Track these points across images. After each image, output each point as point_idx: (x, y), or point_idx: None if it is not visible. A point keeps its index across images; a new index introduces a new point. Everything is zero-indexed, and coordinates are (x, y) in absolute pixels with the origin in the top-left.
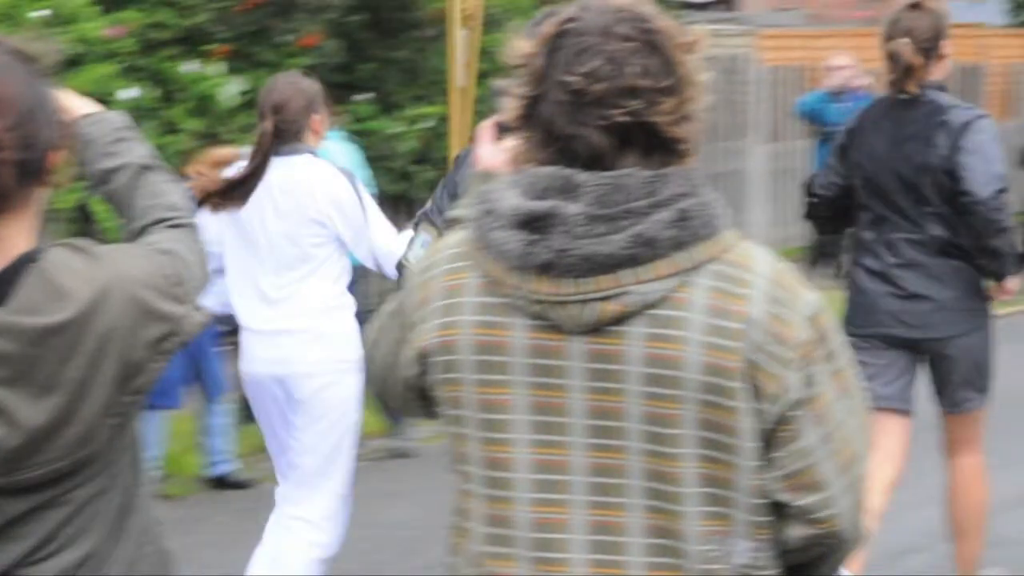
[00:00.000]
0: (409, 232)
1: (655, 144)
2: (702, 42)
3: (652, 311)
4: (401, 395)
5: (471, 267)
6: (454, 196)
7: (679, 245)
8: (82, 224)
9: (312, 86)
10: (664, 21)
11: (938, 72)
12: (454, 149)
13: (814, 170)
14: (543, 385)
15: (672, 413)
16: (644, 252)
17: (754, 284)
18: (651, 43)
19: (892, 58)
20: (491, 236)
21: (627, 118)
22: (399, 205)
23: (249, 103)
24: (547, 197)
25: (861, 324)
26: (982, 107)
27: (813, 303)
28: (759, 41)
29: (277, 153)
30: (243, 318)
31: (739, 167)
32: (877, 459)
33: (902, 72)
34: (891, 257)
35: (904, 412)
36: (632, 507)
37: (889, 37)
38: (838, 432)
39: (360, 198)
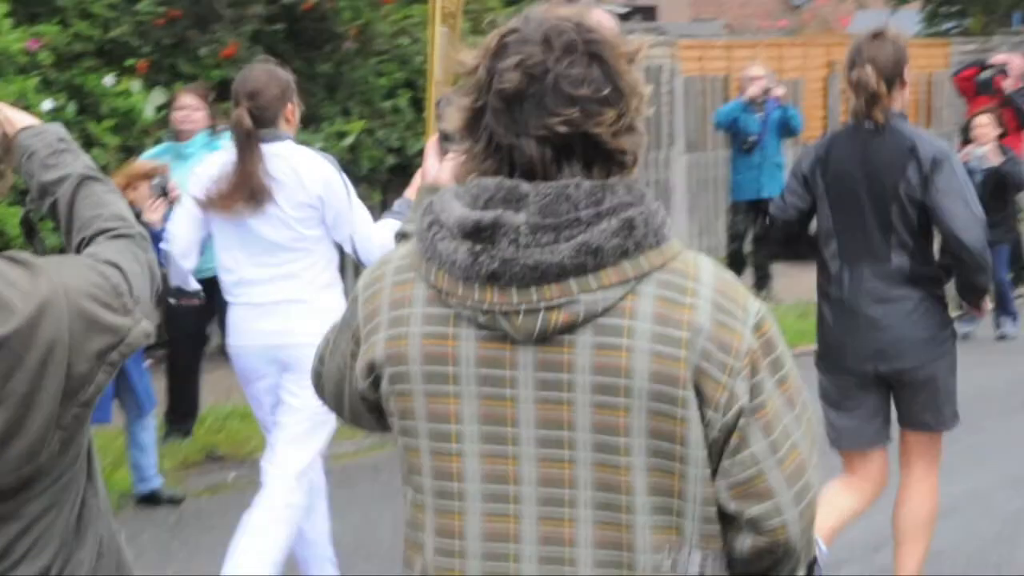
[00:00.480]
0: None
1: (597, 155)
2: (643, 52)
3: (599, 320)
4: (354, 408)
5: (418, 278)
6: None
7: (625, 254)
8: (26, 238)
9: (286, 75)
10: (606, 31)
11: (899, 100)
12: (429, 136)
13: (732, 180)
14: (492, 395)
15: (620, 422)
16: (590, 261)
17: (700, 293)
18: (592, 53)
19: (857, 86)
20: (438, 247)
21: (566, 128)
22: None
23: (167, 118)
24: (492, 207)
25: (827, 357)
26: None
27: (758, 312)
28: (679, 51)
29: (259, 139)
30: (235, 294)
31: (661, 177)
32: (856, 478)
33: (868, 100)
34: (856, 287)
35: (879, 446)
36: (581, 517)
37: (853, 65)
38: (785, 441)
39: (345, 183)
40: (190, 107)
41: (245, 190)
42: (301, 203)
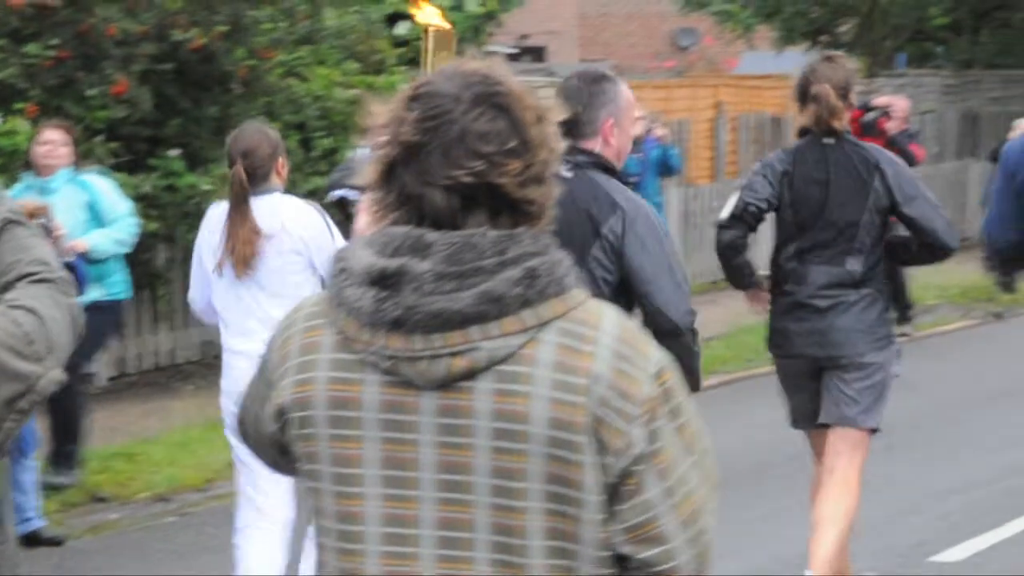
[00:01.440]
0: None
1: (503, 205)
2: (549, 108)
3: (500, 367)
4: (271, 451)
5: (327, 324)
6: None
7: (526, 303)
8: None
9: (275, 134)
10: (515, 85)
11: (845, 119)
12: None
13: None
14: (394, 440)
15: (519, 467)
16: (492, 309)
17: (600, 341)
18: (499, 105)
19: (816, 101)
20: (344, 293)
21: (472, 179)
22: None
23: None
24: (399, 255)
25: (781, 346)
26: None
27: (658, 360)
28: None
29: (252, 194)
30: (238, 343)
31: None
32: (833, 484)
33: (827, 113)
34: (811, 286)
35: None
36: (479, 560)
37: (808, 84)
38: (681, 486)
39: (329, 227)
40: (54, 142)
41: (238, 257)
42: (287, 250)
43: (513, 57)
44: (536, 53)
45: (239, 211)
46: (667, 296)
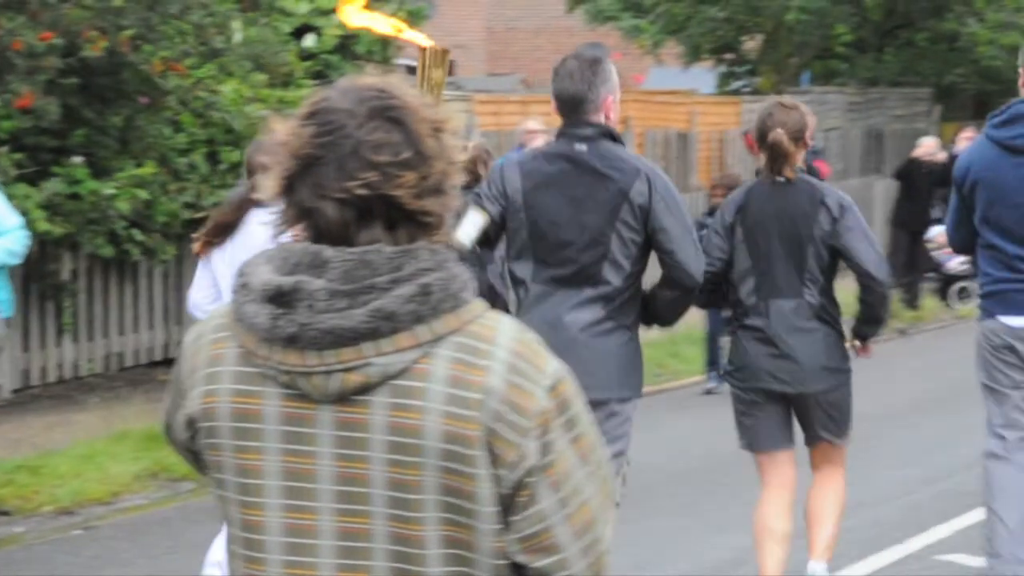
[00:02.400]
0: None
1: (399, 217)
2: (454, 119)
3: (394, 381)
4: (187, 456)
5: (232, 338)
6: (497, 194)
7: (420, 319)
8: None
9: None
10: (411, 98)
11: (799, 158)
12: None
13: None
14: (293, 452)
15: (414, 479)
16: (384, 326)
17: (495, 355)
18: (393, 118)
19: (772, 147)
20: (243, 309)
21: (365, 190)
22: (110, 271)
23: None
24: (297, 272)
25: (742, 378)
26: (692, 173)
27: (554, 373)
28: (475, 106)
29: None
30: None
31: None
32: (770, 498)
33: (782, 159)
34: (770, 320)
35: (786, 446)
36: (377, 570)
37: (766, 129)
38: (575, 497)
39: None
40: None
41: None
42: None
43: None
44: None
45: (237, 215)
46: (688, 255)
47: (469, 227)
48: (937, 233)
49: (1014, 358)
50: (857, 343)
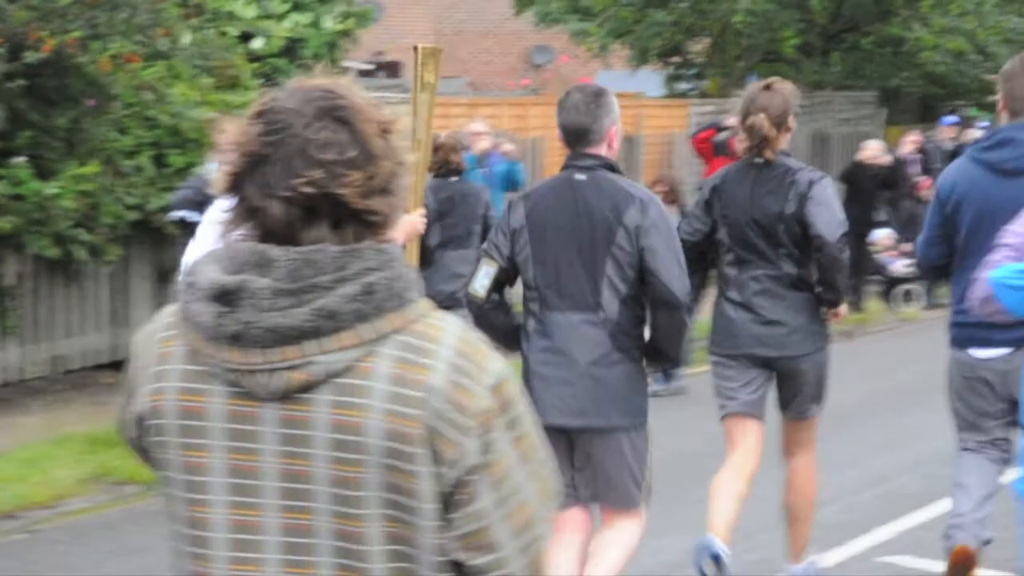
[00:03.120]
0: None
1: (345, 215)
2: (399, 119)
3: (338, 380)
4: (139, 454)
5: (179, 336)
6: (506, 233)
7: (363, 317)
8: None
9: None
10: (357, 98)
11: (784, 141)
12: (413, 195)
13: None
14: (239, 449)
15: (356, 476)
16: (327, 324)
17: (438, 354)
18: (339, 118)
19: (751, 130)
20: (190, 308)
21: (311, 189)
22: (56, 273)
23: None
24: (243, 271)
25: (728, 346)
26: (639, 176)
27: (497, 373)
28: None
29: None
30: None
31: None
32: (738, 456)
33: (759, 141)
34: (752, 290)
35: (760, 418)
36: (322, 565)
37: (747, 113)
38: (515, 496)
39: None
40: None
41: None
42: None
43: (368, 73)
44: (391, 69)
45: None
46: (672, 274)
47: (483, 278)
48: (882, 236)
49: (987, 389)
50: (825, 310)
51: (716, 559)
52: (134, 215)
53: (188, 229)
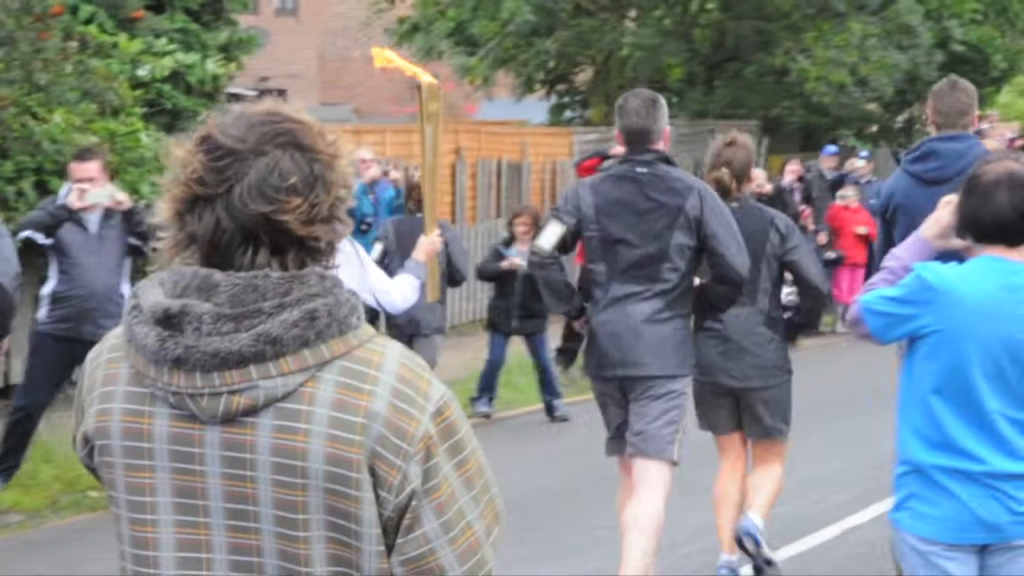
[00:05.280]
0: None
1: (287, 242)
2: (344, 145)
3: (280, 404)
4: (91, 474)
5: (124, 358)
6: (573, 210)
7: (305, 343)
8: None
9: None
10: (301, 124)
11: (748, 188)
12: (428, 218)
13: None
14: (183, 470)
15: (299, 500)
16: (269, 350)
17: (380, 380)
18: (283, 145)
19: (716, 183)
20: (134, 331)
21: (253, 217)
22: None
23: None
24: (186, 295)
25: (707, 375)
26: (526, 201)
27: (439, 398)
28: None
29: None
30: None
31: None
32: (726, 469)
33: (722, 193)
34: (733, 323)
35: (736, 431)
36: None
37: (712, 167)
38: (459, 520)
39: (357, 252)
40: None
41: None
42: None
43: (253, 100)
44: (278, 95)
45: None
46: (735, 256)
47: (550, 235)
48: None
49: None
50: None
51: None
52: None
53: (35, 250)
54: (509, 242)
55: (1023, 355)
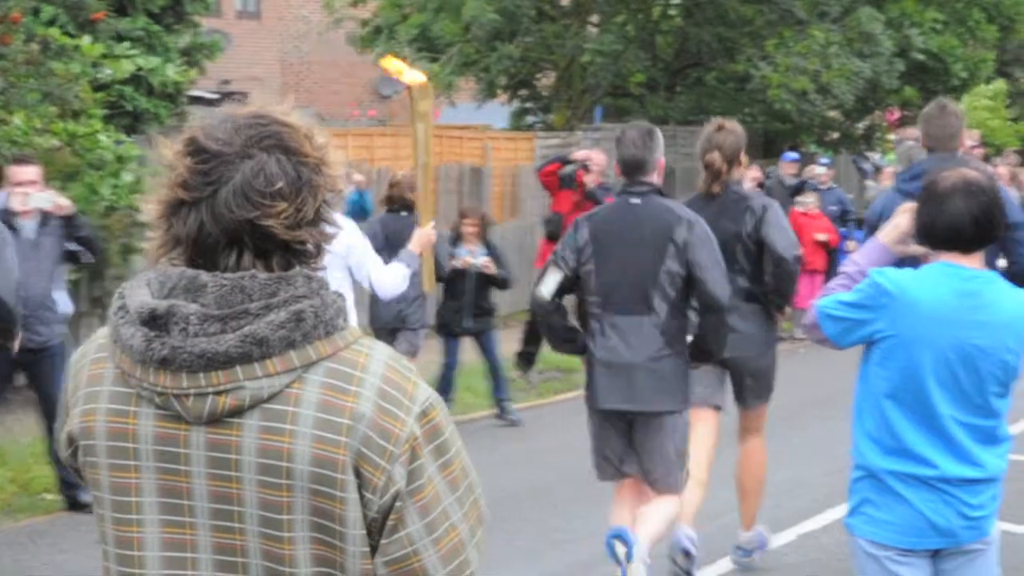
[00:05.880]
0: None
1: (272, 245)
2: (331, 150)
3: (266, 405)
4: (77, 474)
5: (109, 358)
6: (572, 249)
7: (292, 344)
8: None
9: None
10: (288, 127)
11: (736, 174)
12: (423, 211)
13: None
14: (168, 470)
15: (284, 501)
16: (256, 351)
17: (365, 382)
18: (269, 147)
19: (707, 166)
20: (120, 331)
21: (239, 220)
22: None
23: None
24: (173, 296)
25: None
26: (487, 207)
27: (425, 401)
28: None
29: None
30: None
31: None
32: (696, 442)
33: (714, 176)
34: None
35: (716, 408)
36: None
37: (704, 151)
38: (443, 522)
39: (362, 239)
40: None
41: None
42: (331, 252)
43: (215, 102)
44: (238, 99)
45: None
46: (716, 284)
47: (549, 283)
48: None
49: None
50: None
51: (686, 553)
52: None
53: None
54: (456, 240)
55: (976, 361)
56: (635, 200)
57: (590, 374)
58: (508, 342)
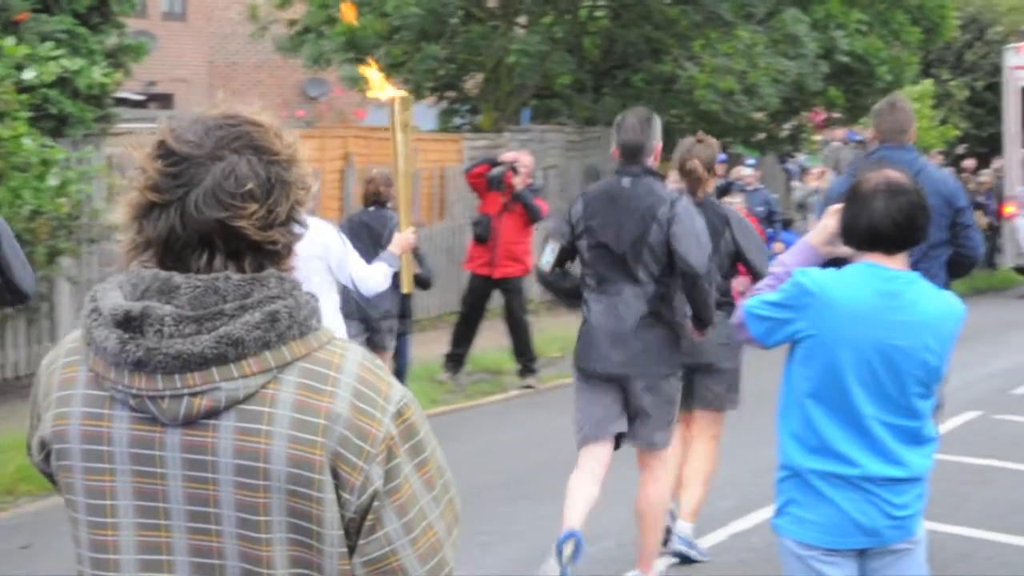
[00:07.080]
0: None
1: (244, 246)
2: (301, 149)
3: (241, 406)
4: (48, 478)
5: (82, 361)
6: (568, 223)
7: (267, 345)
8: None
9: None
10: (259, 127)
11: (712, 183)
12: (403, 216)
13: None
14: (144, 473)
15: (260, 502)
16: (231, 352)
17: (340, 382)
18: (239, 149)
19: (690, 174)
20: (93, 333)
21: (210, 222)
22: None
23: None
24: (146, 298)
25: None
26: (415, 208)
27: (400, 400)
28: None
29: None
30: None
31: None
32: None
33: (695, 184)
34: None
35: (688, 409)
36: None
37: (684, 161)
38: (421, 521)
39: (343, 240)
40: None
41: None
42: (313, 255)
43: (140, 104)
44: (164, 100)
45: None
46: (689, 250)
47: (548, 255)
48: None
49: None
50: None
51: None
52: None
53: None
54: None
55: (896, 361)
56: (625, 180)
57: (583, 340)
58: (437, 344)
